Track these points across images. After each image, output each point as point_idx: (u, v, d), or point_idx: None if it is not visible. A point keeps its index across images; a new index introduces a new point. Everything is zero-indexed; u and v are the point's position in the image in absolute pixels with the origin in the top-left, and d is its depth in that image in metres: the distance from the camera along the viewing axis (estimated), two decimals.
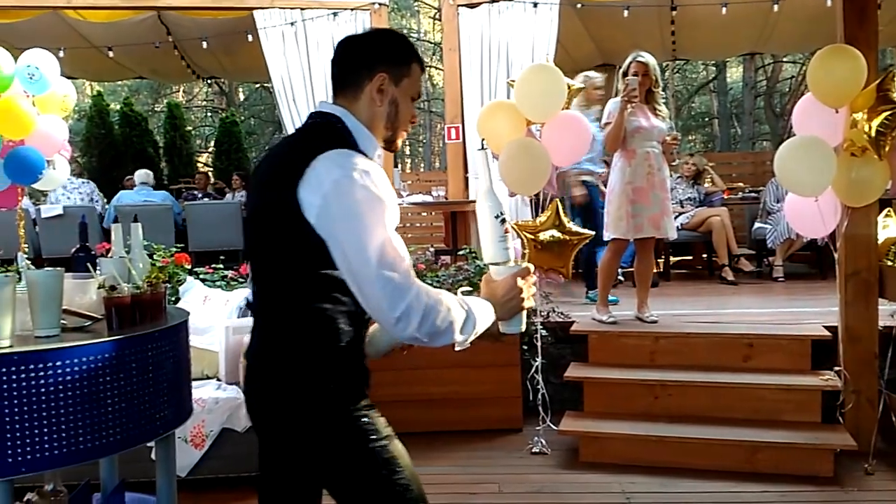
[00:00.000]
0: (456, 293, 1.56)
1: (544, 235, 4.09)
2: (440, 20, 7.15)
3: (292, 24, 5.89)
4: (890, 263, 3.83)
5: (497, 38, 5.82)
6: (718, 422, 3.73)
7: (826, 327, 3.97)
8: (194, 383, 3.49)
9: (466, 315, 1.51)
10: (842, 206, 3.62)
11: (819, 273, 6.12)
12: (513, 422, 4.09)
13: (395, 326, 1.44)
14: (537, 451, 3.81)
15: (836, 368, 3.76)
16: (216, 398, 3.44)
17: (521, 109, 3.88)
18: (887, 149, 3.33)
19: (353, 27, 5.77)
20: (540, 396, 3.92)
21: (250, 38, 6.29)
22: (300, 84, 5.87)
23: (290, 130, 5.79)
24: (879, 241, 3.82)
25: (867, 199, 3.55)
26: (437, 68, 17.25)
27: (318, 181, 1.46)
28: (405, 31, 18.58)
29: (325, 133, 1.58)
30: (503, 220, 1.66)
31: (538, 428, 3.89)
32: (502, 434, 4.03)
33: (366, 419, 1.57)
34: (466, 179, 5.93)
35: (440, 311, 1.45)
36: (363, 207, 1.45)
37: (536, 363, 3.94)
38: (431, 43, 17.76)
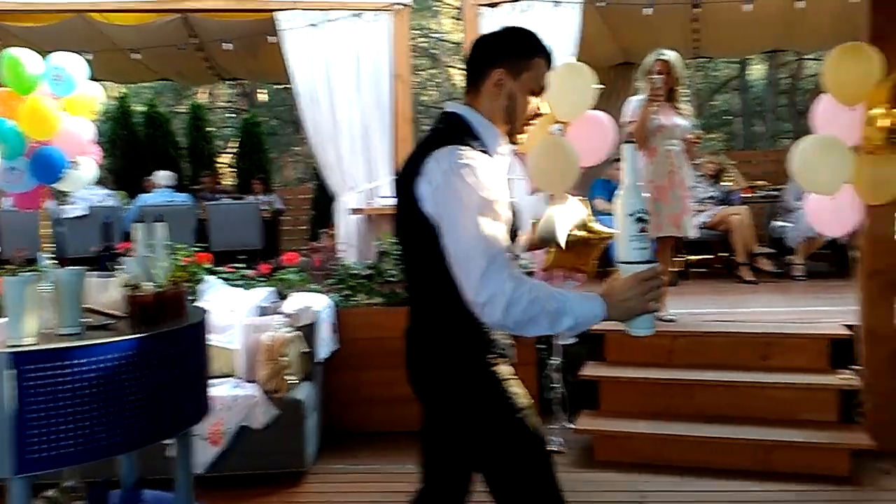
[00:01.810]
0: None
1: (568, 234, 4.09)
2: (461, 20, 7.15)
3: (314, 25, 5.93)
4: None
5: None
6: (735, 421, 3.72)
7: (846, 326, 3.94)
8: (213, 381, 3.58)
9: (560, 310, 1.54)
10: (862, 204, 3.60)
11: (839, 272, 6.06)
12: None
13: (482, 311, 1.54)
14: (553, 449, 3.81)
15: (856, 367, 3.74)
16: (234, 396, 3.49)
17: (551, 108, 3.90)
18: None
19: (375, 28, 5.79)
20: (558, 395, 3.94)
21: (273, 39, 6.34)
22: (322, 85, 5.90)
23: (310, 132, 5.85)
24: None
25: (887, 198, 3.52)
26: (458, 68, 17.22)
27: (430, 175, 1.63)
28: (424, 31, 18.61)
29: (443, 131, 1.74)
30: (640, 219, 1.62)
31: (554, 427, 3.90)
32: None
33: (510, 389, 1.72)
34: None
35: (526, 301, 1.52)
36: (462, 196, 1.57)
37: (553, 362, 3.96)
38: (452, 43, 17.76)
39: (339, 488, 3.58)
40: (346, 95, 5.77)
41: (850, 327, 3.90)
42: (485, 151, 1.70)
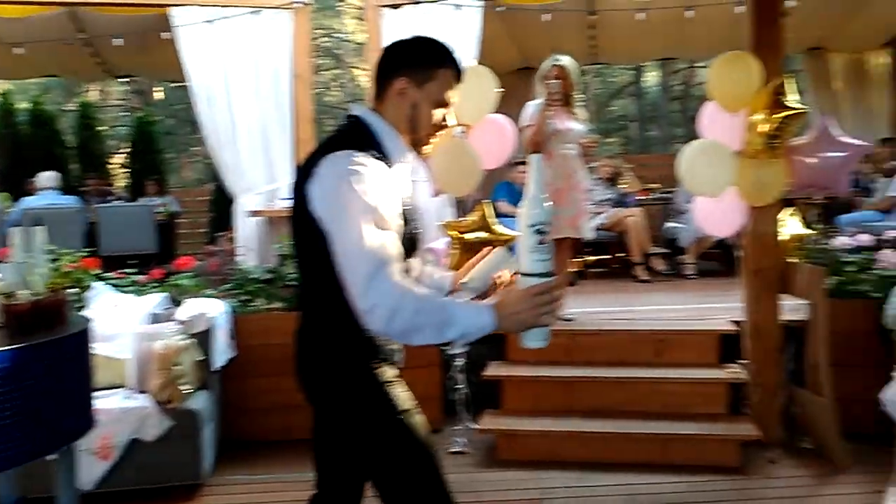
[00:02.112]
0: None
1: (471, 236, 4.13)
2: (364, 20, 7.10)
3: (210, 21, 5.75)
4: (792, 260, 4.02)
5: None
6: (632, 416, 3.83)
7: (733, 322, 4.13)
8: (101, 393, 3.40)
9: (446, 320, 1.53)
10: (745, 206, 3.78)
11: (727, 270, 6.36)
12: (432, 422, 4.00)
13: (366, 319, 1.54)
14: (456, 450, 3.83)
15: (742, 361, 3.92)
16: (125, 408, 3.33)
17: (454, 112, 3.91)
18: (781, 150, 3.49)
19: (274, 26, 5.67)
20: (460, 396, 3.96)
21: (167, 35, 6.11)
22: (219, 84, 5.73)
23: (208, 132, 5.67)
24: (782, 239, 4.01)
25: (768, 199, 3.71)
26: (362, 69, 17.12)
27: (320, 178, 1.62)
28: (328, 31, 18.42)
29: (342, 134, 1.74)
30: (539, 231, 1.60)
31: (457, 427, 3.92)
32: None
33: (391, 391, 1.73)
34: None
35: (411, 311, 1.51)
36: (348, 202, 1.56)
37: (457, 363, 3.97)
38: (356, 43, 17.65)
39: (237, 500, 3.47)
40: (245, 94, 5.62)
41: (736, 323, 4.09)
42: (383, 158, 1.69)
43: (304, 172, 1.67)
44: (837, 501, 3.22)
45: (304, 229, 1.67)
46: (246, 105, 5.62)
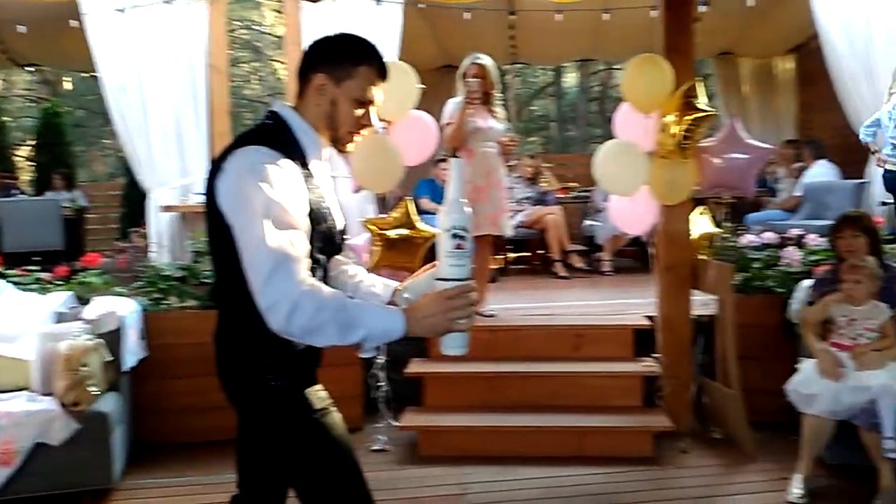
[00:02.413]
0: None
1: (393, 233, 4.10)
2: (283, 13, 6.97)
3: (121, 10, 5.54)
4: (702, 257, 4.16)
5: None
6: (551, 409, 3.89)
7: (647, 317, 4.25)
8: (3, 395, 3.24)
9: (351, 322, 1.49)
10: (658, 204, 3.89)
11: (642, 267, 6.54)
12: (353, 420, 4.02)
13: (266, 316, 1.49)
14: (378, 448, 3.81)
15: (656, 355, 4.04)
16: (27, 410, 3.16)
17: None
18: (692, 151, 3.61)
19: (188, 17, 5.50)
20: (381, 394, 3.94)
21: (75, 23, 5.85)
22: (131, 74, 5.53)
23: (119, 124, 5.47)
24: (693, 237, 4.14)
25: (679, 198, 3.83)
26: (281, 62, 16.81)
27: (226, 174, 1.59)
28: (247, 23, 18.03)
29: (258, 129, 1.71)
30: (456, 236, 1.56)
31: (379, 425, 3.90)
32: None
33: (303, 393, 1.70)
34: None
35: (312, 310, 1.47)
36: (251, 198, 1.52)
37: (378, 361, 3.95)
38: (276, 36, 17.34)
39: None
40: (158, 86, 5.45)
41: (650, 318, 4.21)
42: (298, 155, 1.66)
43: (215, 167, 1.64)
44: (746, 489, 3.35)
45: (215, 225, 1.63)
46: (159, 97, 5.44)
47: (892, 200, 5.63)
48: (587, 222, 7.07)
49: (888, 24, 5.57)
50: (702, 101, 3.63)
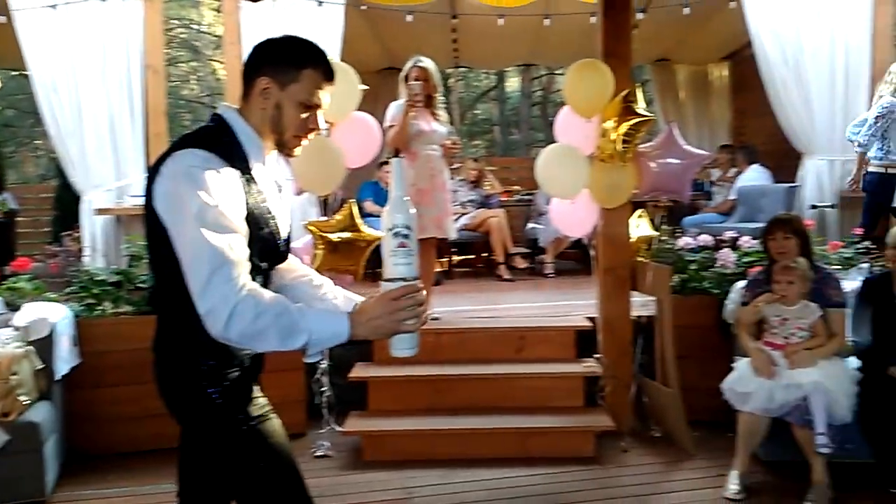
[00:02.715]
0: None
1: (335, 236, 4.06)
2: (222, 13, 6.85)
3: (53, 7, 5.36)
4: (641, 259, 4.24)
5: (280, 33, 5.66)
6: (495, 411, 3.91)
7: (588, 318, 4.31)
8: None
9: (294, 326, 1.46)
10: (598, 207, 3.96)
11: (584, 269, 6.64)
12: (296, 426, 4.00)
13: (205, 322, 1.46)
14: (321, 454, 3.77)
15: (597, 356, 4.10)
16: None
17: None
18: (631, 156, 3.68)
19: (123, 14, 5.36)
20: (324, 399, 3.90)
21: (3, 19, 5.63)
22: (63, 73, 5.35)
23: (50, 124, 5.30)
24: (632, 240, 4.22)
25: (618, 202, 3.90)
26: (221, 62, 16.52)
27: (162, 177, 1.56)
28: (185, 22, 17.66)
29: (197, 133, 1.67)
30: (398, 234, 1.55)
31: (322, 431, 3.85)
32: None
33: (240, 400, 1.67)
34: None
35: (252, 315, 1.44)
36: (187, 202, 1.49)
37: (321, 365, 3.91)
38: (215, 36, 17.03)
39: None
40: (92, 85, 5.30)
41: (591, 319, 4.27)
42: (239, 159, 1.63)
43: (153, 170, 1.61)
44: (684, 486, 3.42)
45: (153, 229, 1.59)
46: (93, 96, 5.30)
47: (821, 204, 5.85)
48: (530, 225, 7.13)
49: (816, 33, 5.79)
50: (640, 106, 3.70)
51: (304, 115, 1.69)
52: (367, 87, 4.26)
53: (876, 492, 3.23)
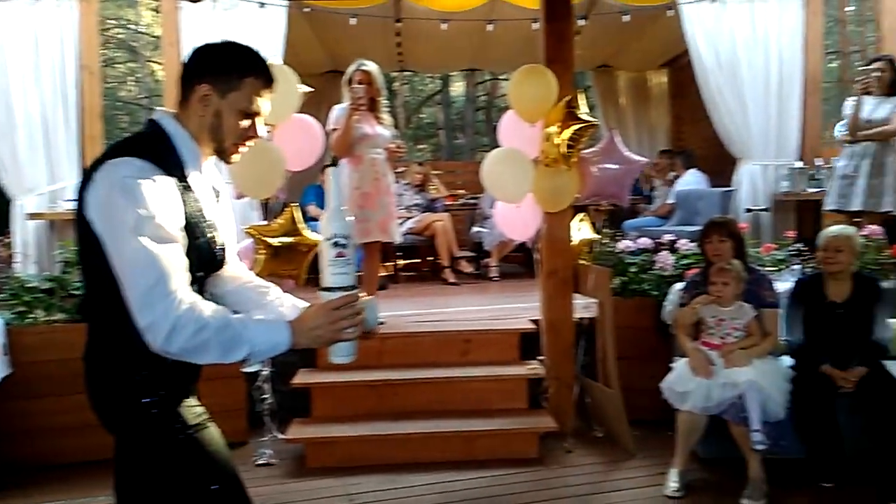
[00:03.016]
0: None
1: (277, 240, 4.01)
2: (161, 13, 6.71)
3: None
4: (583, 262, 4.30)
5: (221, 35, 5.53)
6: (440, 415, 3.91)
7: (532, 321, 4.35)
8: None
9: (235, 339, 1.47)
10: (541, 211, 4.00)
11: (529, 272, 6.70)
12: (237, 435, 3.93)
13: (145, 336, 1.44)
14: (263, 462, 3.71)
15: (540, 358, 4.14)
16: None
17: None
18: (575, 160, 3.73)
19: (57, 14, 5.20)
20: (266, 406, 3.84)
21: None
22: None
23: None
24: (574, 243, 4.28)
25: (561, 205, 3.95)
26: (159, 63, 16.17)
27: (95, 186, 1.51)
28: (123, 22, 17.25)
29: (131, 140, 1.63)
30: (337, 244, 1.55)
31: (264, 439, 3.79)
32: None
33: (177, 407, 1.63)
34: None
35: (193, 329, 1.43)
36: (121, 214, 1.46)
37: (263, 372, 3.85)
38: (153, 37, 16.66)
39: None
40: (23, 86, 5.14)
41: (535, 322, 4.31)
42: (175, 166, 1.60)
43: (86, 176, 1.56)
44: (626, 484, 3.48)
45: (84, 236, 1.55)
46: (25, 97, 5.14)
47: (755, 207, 6.03)
48: (475, 229, 7.17)
49: (751, 42, 5.98)
50: (583, 111, 3.76)
51: (244, 123, 1.67)
52: (311, 90, 4.23)
53: (809, 487, 3.34)
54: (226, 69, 1.64)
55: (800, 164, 5.95)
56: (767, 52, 5.99)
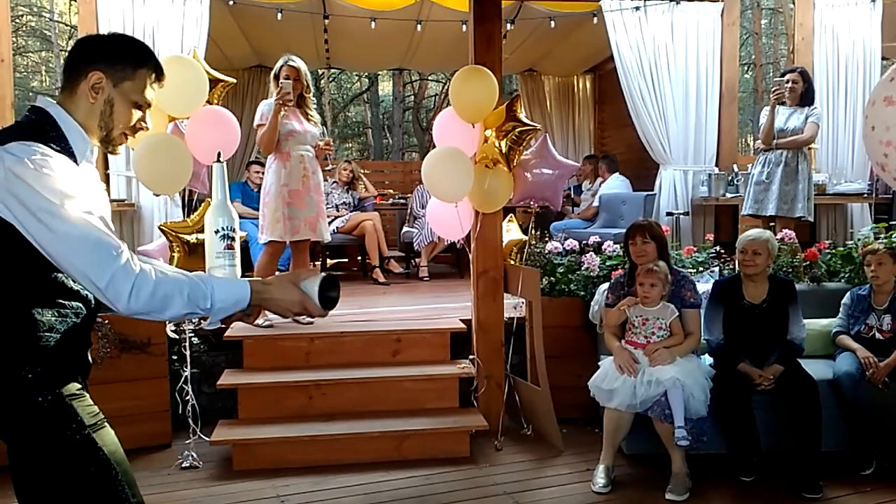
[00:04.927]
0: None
1: (192, 237, 3.91)
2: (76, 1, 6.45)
3: None
4: (512, 262, 4.35)
5: (141, 26, 5.42)
6: (370, 415, 3.88)
7: (462, 320, 4.37)
8: None
9: (197, 289, 1.50)
10: (475, 212, 4.03)
11: (458, 272, 6.74)
12: (160, 437, 3.82)
13: (106, 297, 1.46)
14: (187, 465, 3.60)
15: (471, 357, 4.17)
16: None
17: (161, 104, 3.64)
18: (515, 163, 3.77)
19: None
20: (189, 408, 3.73)
21: None
22: None
23: None
24: (504, 244, 4.32)
25: (495, 207, 3.99)
26: None
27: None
28: (36, 10, 16.53)
29: (20, 127, 1.60)
30: (225, 237, 1.62)
31: (188, 441, 3.69)
32: (149, 452, 3.74)
33: (74, 406, 1.58)
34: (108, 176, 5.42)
35: (153, 282, 1.46)
36: (42, 197, 1.45)
37: (186, 373, 3.74)
38: (68, 25, 16.00)
39: None
40: None
41: (466, 321, 4.34)
42: (63, 154, 1.57)
43: None
44: (555, 481, 3.53)
45: None
46: None
47: (676, 211, 6.24)
48: (405, 229, 7.16)
49: (671, 51, 6.18)
50: (523, 114, 3.79)
51: (135, 114, 1.71)
52: (232, 81, 4.14)
53: (729, 481, 3.46)
54: (120, 59, 1.67)
55: (717, 171, 6.18)
56: (686, 60, 6.21)
